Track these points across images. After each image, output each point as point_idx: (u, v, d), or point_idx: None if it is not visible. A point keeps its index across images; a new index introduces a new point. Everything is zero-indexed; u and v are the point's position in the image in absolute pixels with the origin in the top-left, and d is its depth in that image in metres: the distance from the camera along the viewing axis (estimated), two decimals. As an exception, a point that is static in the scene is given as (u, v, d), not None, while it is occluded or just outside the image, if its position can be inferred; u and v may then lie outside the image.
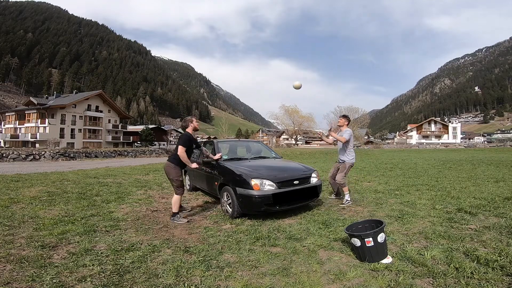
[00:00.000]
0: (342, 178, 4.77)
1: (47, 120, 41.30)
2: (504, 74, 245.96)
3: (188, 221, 3.87)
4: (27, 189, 6.30)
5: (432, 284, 2.12)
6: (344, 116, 5.04)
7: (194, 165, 4.25)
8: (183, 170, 6.94)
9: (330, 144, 5.30)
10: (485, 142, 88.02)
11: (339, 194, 5.23)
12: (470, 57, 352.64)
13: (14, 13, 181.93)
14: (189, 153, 4.16)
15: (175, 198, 3.99)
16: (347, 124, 4.97)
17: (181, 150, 3.97)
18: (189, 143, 4.15)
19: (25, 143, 40.10)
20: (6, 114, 49.47)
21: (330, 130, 5.40)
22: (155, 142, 57.29)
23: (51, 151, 21.00)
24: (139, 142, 54.44)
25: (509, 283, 2.08)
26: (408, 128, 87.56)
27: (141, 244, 3.00)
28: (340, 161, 4.95)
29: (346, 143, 4.82)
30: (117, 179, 8.23)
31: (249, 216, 3.96)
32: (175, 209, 3.96)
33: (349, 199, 4.79)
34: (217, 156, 4.53)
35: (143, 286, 2.14)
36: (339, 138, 4.83)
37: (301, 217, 4.01)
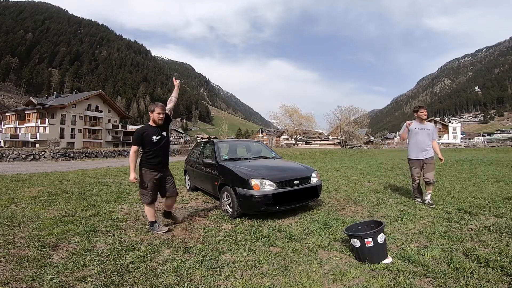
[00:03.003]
0: (434, 172, 4.64)
1: (47, 120, 41.31)
2: (504, 74, 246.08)
3: (168, 229, 3.48)
4: (27, 189, 6.30)
5: (432, 284, 2.12)
6: (424, 107, 4.84)
7: (132, 176, 3.30)
8: (183, 170, 6.98)
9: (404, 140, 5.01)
10: (485, 142, 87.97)
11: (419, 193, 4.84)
12: (470, 57, 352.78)
13: (14, 13, 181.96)
14: (149, 148, 3.37)
15: (145, 208, 3.54)
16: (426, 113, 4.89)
17: (131, 151, 3.37)
18: (140, 140, 3.34)
19: (25, 143, 40.11)
20: (6, 114, 49.47)
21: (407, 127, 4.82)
22: (155, 142, 57.12)
23: (51, 151, 21.01)
24: (139, 142, 54.35)
25: (509, 283, 2.08)
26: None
27: (141, 244, 3.00)
28: (427, 157, 4.60)
29: (430, 138, 4.68)
30: (117, 179, 8.24)
31: (249, 216, 3.96)
32: (149, 218, 3.50)
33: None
34: None
35: (143, 286, 2.14)
36: (436, 148, 4.68)
37: (301, 217, 4.00)
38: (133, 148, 3.37)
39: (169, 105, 3.63)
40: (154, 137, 3.37)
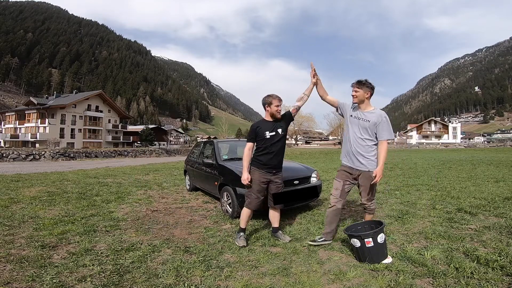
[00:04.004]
0: (373, 200, 2.96)
1: (47, 120, 41.34)
2: (504, 74, 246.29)
3: (247, 244, 2.99)
4: (27, 189, 6.30)
5: (432, 284, 2.12)
6: (361, 84, 2.80)
7: (245, 175, 2.99)
8: (183, 170, 6.97)
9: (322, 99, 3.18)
10: (485, 142, 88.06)
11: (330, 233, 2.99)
12: (470, 57, 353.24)
13: (14, 13, 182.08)
14: (261, 144, 3.04)
15: (242, 211, 3.15)
16: (370, 96, 2.83)
17: (245, 148, 3.08)
18: (254, 135, 3.05)
19: (25, 143, 40.13)
20: (6, 114, 49.49)
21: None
22: (155, 142, 57.38)
23: (51, 151, 21.01)
24: (139, 142, 54.46)
25: (509, 283, 2.08)
26: (408, 128, 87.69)
27: (141, 244, 2.99)
28: (362, 169, 2.83)
29: (371, 135, 2.82)
30: (117, 179, 8.24)
31: (249, 216, 3.96)
32: (240, 223, 3.12)
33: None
34: None
35: (143, 286, 2.14)
36: (381, 153, 2.77)
37: (301, 217, 4.00)
38: (248, 145, 3.08)
39: (298, 103, 3.24)
40: (267, 132, 3.03)
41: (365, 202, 2.95)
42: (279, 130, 3.08)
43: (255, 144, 3.09)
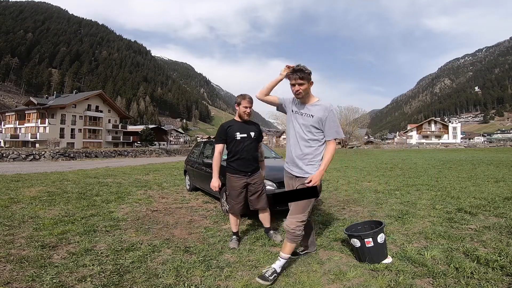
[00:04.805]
0: (301, 218, 2.33)
1: (47, 120, 41.37)
2: (504, 74, 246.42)
3: (237, 247, 2.89)
4: (27, 189, 6.30)
5: (432, 284, 2.12)
6: (303, 73, 2.18)
7: (215, 183, 2.85)
8: (184, 170, 6.98)
9: None
10: (485, 142, 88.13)
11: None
12: (470, 57, 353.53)
13: (14, 13, 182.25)
14: (232, 147, 2.91)
15: (229, 217, 3.11)
16: (310, 84, 2.27)
17: (215, 152, 2.91)
18: (224, 136, 2.90)
19: (25, 143, 40.16)
20: (6, 114, 49.54)
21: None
22: (155, 142, 57.43)
23: (51, 151, 21.02)
24: (139, 142, 54.50)
25: (509, 283, 2.08)
26: (408, 128, 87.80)
27: (141, 244, 2.99)
28: (300, 176, 2.38)
29: (316, 134, 2.31)
30: (117, 179, 8.24)
31: (249, 216, 3.96)
32: (232, 228, 3.08)
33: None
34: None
35: (143, 286, 2.14)
36: (326, 156, 2.32)
37: (301, 217, 4.00)
38: (217, 147, 2.88)
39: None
40: (238, 133, 2.87)
41: (289, 224, 2.28)
42: (252, 134, 2.94)
43: (226, 147, 2.92)
